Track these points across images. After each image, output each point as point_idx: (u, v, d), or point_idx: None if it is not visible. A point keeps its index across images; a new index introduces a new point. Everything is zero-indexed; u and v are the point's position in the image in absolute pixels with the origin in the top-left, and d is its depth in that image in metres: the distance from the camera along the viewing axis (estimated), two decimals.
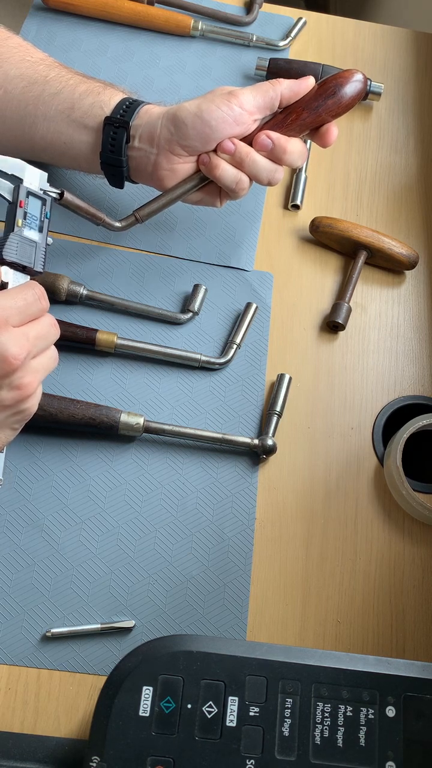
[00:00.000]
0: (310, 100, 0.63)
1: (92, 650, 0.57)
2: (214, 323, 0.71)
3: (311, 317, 0.73)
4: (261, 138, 0.62)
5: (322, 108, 0.62)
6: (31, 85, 0.66)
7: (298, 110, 0.63)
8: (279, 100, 0.63)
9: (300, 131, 0.63)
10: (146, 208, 0.65)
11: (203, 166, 0.63)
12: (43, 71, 0.67)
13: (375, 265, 0.77)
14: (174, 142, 0.62)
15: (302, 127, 0.63)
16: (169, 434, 0.63)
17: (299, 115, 0.63)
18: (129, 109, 0.63)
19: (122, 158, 0.64)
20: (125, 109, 0.63)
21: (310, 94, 0.63)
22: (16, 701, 0.55)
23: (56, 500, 0.62)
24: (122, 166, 0.64)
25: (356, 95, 0.63)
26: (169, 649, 0.47)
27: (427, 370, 0.72)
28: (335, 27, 0.93)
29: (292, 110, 0.63)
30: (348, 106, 0.63)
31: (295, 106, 0.63)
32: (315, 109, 0.62)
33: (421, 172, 0.84)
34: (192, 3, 0.89)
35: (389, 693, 0.47)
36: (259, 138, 0.62)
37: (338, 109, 0.63)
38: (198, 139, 0.62)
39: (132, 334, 0.69)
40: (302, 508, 0.64)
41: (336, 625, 0.60)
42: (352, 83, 0.63)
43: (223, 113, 0.61)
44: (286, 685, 0.47)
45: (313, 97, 0.63)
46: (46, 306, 0.52)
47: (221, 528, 0.62)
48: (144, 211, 0.65)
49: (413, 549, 0.64)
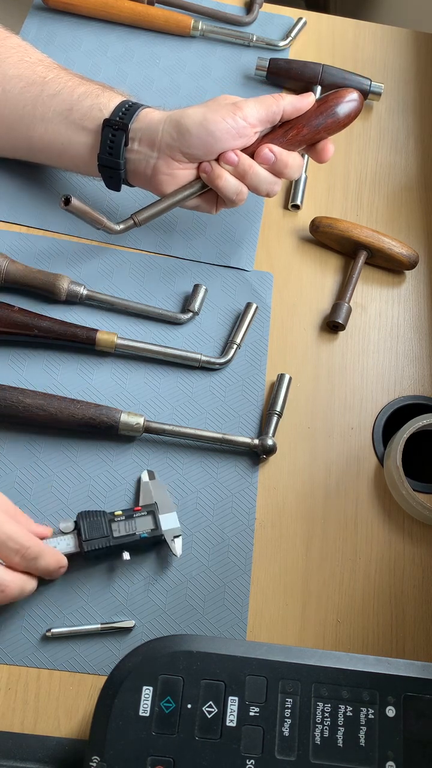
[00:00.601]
0: (311, 117, 0.65)
1: (92, 650, 0.57)
2: (214, 323, 0.71)
3: (311, 317, 0.73)
4: (264, 152, 0.63)
5: (321, 126, 0.65)
6: (30, 86, 0.66)
7: (299, 126, 0.65)
8: (281, 114, 0.63)
9: (298, 146, 0.66)
10: (145, 212, 0.65)
11: (204, 174, 0.63)
12: (42, 72, 0.67)
13: (375, 265, 0.77)
14: (176, 148, 0.62)
15: (301, 143, 0.65)
16: (169, 434, 0.63)
17: (299, 131, 0.65)
18: (128, 111, 0.63)
19: (120, 161, 0.64)
20: (125, 112, 0.63)
21: (311, 111, 0.65)
22: (16, 701, 0.55)
23: (56, 500, 0.62)
24: (120, 169, 0.64)
25: (353, 114, 0.65)
26: (169, 649, 0.47)
27: (427, 370, 0.72)
28: (335, 27, 0.93)
29: (293, 125, 0.65)
30: (345, 125, 0.66)
31: (295, 121, 0.65)
32: (315, 126, 0.65)
33: (421, 172, 0.84)
34: (192, 3, 0.89)
35: (389, 693, 0.47)
36: (261, 151, 0.63)
37: (336, 127, 0.65)
38: (201, 148, 0.62)
39: (132, 334, 0.69)
40: (302, 508, 0.64)
41: (336, 625, 0.60)
42: (348, 103, 0.65)
43: (228, 125, 0.61)
44: (286, 685, 0.47)
45: (314, 114, 0.65)
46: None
47: (221, 528, 0.62)
48: (143, 215, 0.65)
49: (413, 549, 0.64)
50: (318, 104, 0.65)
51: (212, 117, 0.61)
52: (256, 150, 0.64)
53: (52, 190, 0.75)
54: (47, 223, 0.74)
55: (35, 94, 0.66)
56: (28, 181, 0.75)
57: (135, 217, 0.65)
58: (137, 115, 0.64)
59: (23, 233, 0.73)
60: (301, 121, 0.65)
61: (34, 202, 0.74)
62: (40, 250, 0.72)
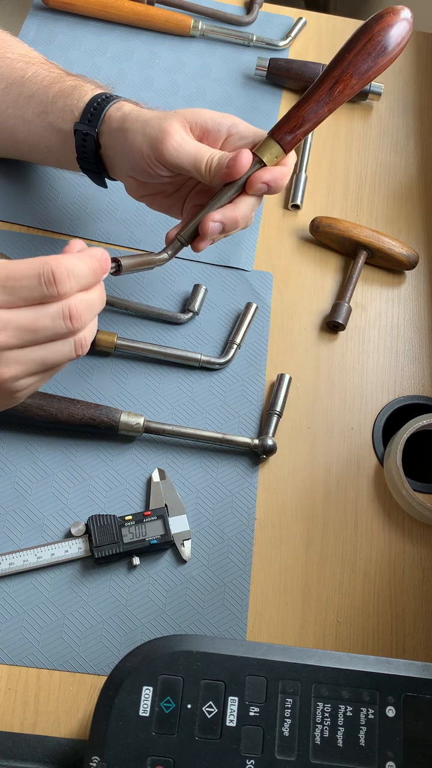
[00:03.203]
0: (357, 62, 0.54)
1: (92, 650, 0.57)
2: (214, 323, 0.71)
3: (311, 317, 0.73)
4: (209, 225, 0.56)
5: (372, 70, 0.54)
6: (9, 87, 0.65)
7: (345, 78, 0.54)
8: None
9: (347, 99, 0.55)
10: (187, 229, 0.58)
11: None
12: (21, 70, 0.65)
13: (375, 265, 0.77)
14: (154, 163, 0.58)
15: (350, 95, 0.55)
16: (169, 434, 0.63)
17: (347, 83, 0.54)
18: (96, 111, 0.60)
19: (94, 163, 0.62)
20: (92, 113, 0.61)
21: (355, 53, 0.54)
22: (16, 701, 0.55)
23: (56, 500, 0.62)
24: (97, 171, 0.64)
25: (405, 40, 0.54)
26: (169, 649, 0.47)
27: (427, 370, 0.72)
28: (335, 27, 0.93)
29: (338, 78, 0.54)
30: (397, 56, 0.55)
31: (338, 72, 0.54)
32: (365, 72, 0.54)
33: (421, 172, 0.84)
34: (192, 3, 0.89)
35: (389, 693, 0.47)
36: (206, 226, 0.56)
37: (388, 64, 0.55)
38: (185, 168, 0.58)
39: (132, 334, 0.69)
40: (302, 508, 0.64)
41: (336, 625, 0.60)
42: (398, 25, 0.53)
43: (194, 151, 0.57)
44: (286, 685, 0.47)
45: (360, 56, 0.54)
46: (55, 292, 0.42)
47: (221, 528, 0.62)
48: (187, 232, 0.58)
49: (413, 549, 0.64)
50: (362, 39, 0.53)
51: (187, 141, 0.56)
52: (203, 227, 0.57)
53: (52, 190, 0.75)
54: (47, 223, 0.74)
55: (15, 95, 0.64)
56: (28, 181, 0.75)
57: (180, 237, 0.58)
58: (104, 116, 0.60)
59: (23, 233, 0.73)
60: (346, 69, 0.54)
61: (34, 202, 0.74)
62: (40, 250, 0.72)
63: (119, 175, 0.64)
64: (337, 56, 0.55)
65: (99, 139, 0.61)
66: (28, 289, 0.41)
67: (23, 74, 0.65)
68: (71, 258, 0.43)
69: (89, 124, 0.60)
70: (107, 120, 0.60)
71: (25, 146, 0.67)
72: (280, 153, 0.56)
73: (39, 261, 0.42)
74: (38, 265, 0.41)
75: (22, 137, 0.66)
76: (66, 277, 0.42)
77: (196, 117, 0.58)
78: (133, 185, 0.62)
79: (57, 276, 0.41)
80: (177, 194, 0.63)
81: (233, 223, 0.57)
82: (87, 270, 0.44)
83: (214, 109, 0.85)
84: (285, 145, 0.56)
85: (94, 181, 0.66)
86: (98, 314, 0.47)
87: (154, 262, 0.57)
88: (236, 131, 0.58)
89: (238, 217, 0.57)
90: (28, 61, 0.66)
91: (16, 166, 0.75)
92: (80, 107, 0.62)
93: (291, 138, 0.56)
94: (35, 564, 0.58)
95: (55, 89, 0.64)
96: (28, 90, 0.64)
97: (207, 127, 0.58)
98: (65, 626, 0.57)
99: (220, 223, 0.56)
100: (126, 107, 0.61)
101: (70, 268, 0.42)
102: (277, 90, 0.87)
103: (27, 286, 0.41)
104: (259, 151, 0.56)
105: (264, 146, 0.56)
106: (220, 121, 0.58)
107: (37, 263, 0.41)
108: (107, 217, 0.75)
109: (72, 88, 0.63)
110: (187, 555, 0.60)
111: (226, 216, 0.56)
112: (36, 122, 0.64)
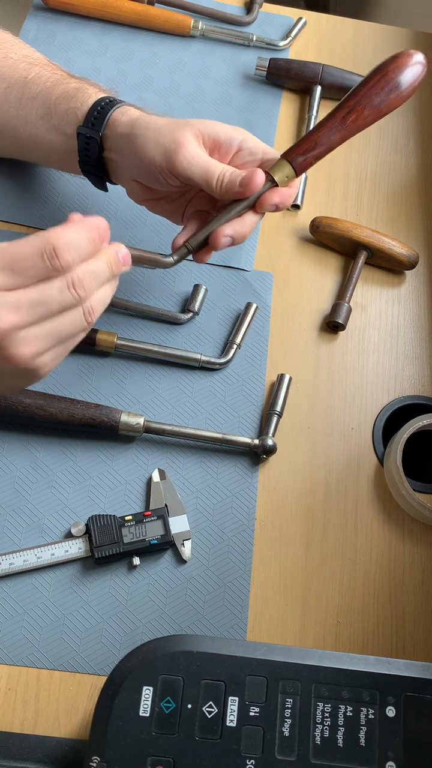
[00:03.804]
0: (370, 95, 0.56)
1: (92, 650, 0.57)
2: (214, 323, 0.71)
3: (311, 317, 0.73)
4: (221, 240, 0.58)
5: (384, 103, 0.57)
6: (12, 87, 0.65)
7: (359, 108, 0.57)
8: None
9: (360, 130, 0.58)
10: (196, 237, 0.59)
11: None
12: (24, 70, 0.65)
13: (375, 265, 0.77)
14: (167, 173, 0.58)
15: (362, 127, 0.58)
16: (169, 434, 0.63)
17: (360, 113, 0.57)
18: (99, 116, 0.61)
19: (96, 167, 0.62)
20: (96, 117, 0.61)
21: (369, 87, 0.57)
22: (16, 701, 0.55)
23: (56, 500, 0.62)
24: (98, 174, 0.64)
25: (418, 81, 0.57)
26: (169, 649, 0.47)
27: (427, 370, 0.72)
28: (335, 27, 0.93)
29: (352, 108, 0.57)
30: (409, 96, 0.57)
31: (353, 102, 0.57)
32: (377, 105, 0.57)
33: (421, 172, 0.84)
34: (192, 3, 0.89)
35: (389, 693, 0.47)
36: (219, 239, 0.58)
37: (399, 102, 0.57)
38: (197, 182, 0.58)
39: (132, 334, 0.69)
40: (302, 508, 0.64)
41: (336, 625, 0.60)
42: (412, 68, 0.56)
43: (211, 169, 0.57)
44: (286, 685, 0.47)
45: (372, 90, 0.56)
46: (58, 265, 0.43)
47: (221, 528, 0.62)
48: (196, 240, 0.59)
49: (413, 549, 0.64)
50: (376, 77, 0.56)
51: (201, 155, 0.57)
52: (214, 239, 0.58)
53: (52, 190, 0.75)
54: (47, 223, 0.74)
55: (17, 96, 0.64)
56: (28, 181, 0.75)
57: (188, 245, 0.59)
58: (108, 120, 0.60)
59: (23, 233, 0.73)
60: (360, 101, 0.56)
61: (34, 202, 0.74)
62: None
63: (122, 180, 0.64)
64: (353, 89, 0.58)
65: (102, 143, 0.61)
66: (33, 267, 0.43)
67: (26, 75, 0.65)
68: (70, 230, 0.44)
69: (92, 128, 0.61)
70: (112, 124, 0.60)
71: (27, 147, 0.67)
72: (291, 174, 0.58)
73: (39, 239, 0.43)
74: (39, 243, 0.43)
75: (24, 137, 0.66)
76: (66, 249, 0.43)
77: (209, 130, 0.59)
78: (137, 189, 0.62)
79: (58, 250, 0.43)
80: (180, 200, 0.63)
81: (242, 237, 0.59)
82: (86, 240, 0.45)
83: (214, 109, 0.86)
84: (296, 167, 0.58)
85: (95, 185, 0.66)
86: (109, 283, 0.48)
87: (159, 263, 0.58)
88: (246, 147, 0.59)
89: (246, 232, 0.59)
90: (31, 62, 0.66)
91: (16, 166, 0.75)
92: (83, 110, 0.62)
93: (302, 160, 0.58)
94: (35, 564, 0.58)
95: (58, 91, 0.64)
96: (31, 91, 0.64)
97: (219, 140, 0.59)
98: (65, 626, 0.57)
99: (230, 237, 0.58)
100: (132, 112, 0.61)
101: (70, 240, 0.43)
102: (277, 90, 0.87)
103: (32, 265, 0.43)
104: (272, 171, 0.58)
105: (277, 166, 0.58)
106: (232, 135, 0.59)
107: (37, 241, 0.43)
108: (107, 217, 0.75)
109: (75, 90, 0.63)
110: (187, 555, 0.60)
111: (237, 231, 0.58)
112: (39, 124, 0.64)
